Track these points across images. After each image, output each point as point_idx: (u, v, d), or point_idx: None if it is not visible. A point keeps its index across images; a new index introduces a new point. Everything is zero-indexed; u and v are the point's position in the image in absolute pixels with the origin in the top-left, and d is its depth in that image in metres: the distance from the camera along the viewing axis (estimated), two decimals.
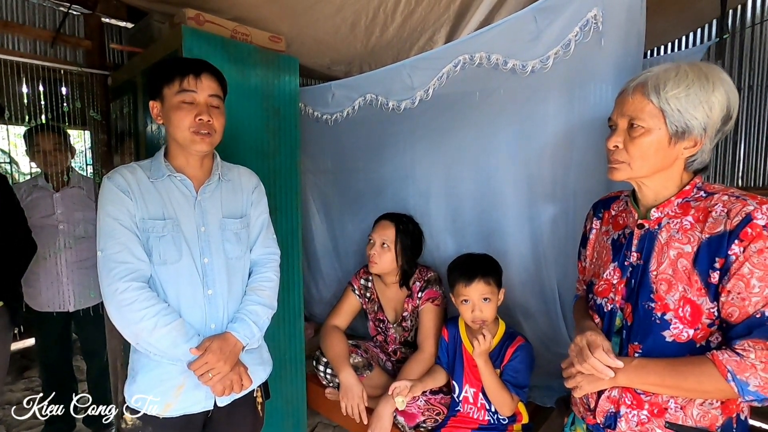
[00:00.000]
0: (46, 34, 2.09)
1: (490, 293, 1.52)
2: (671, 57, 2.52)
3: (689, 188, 0.92)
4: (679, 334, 0.87)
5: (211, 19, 1.65)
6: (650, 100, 0.88)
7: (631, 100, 0.91)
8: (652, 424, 0.91)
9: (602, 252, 1.07)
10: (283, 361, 1.86)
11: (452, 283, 1.59)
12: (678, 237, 0.89)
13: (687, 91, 0.85)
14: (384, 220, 1.91)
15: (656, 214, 0.94)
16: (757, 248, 0.79)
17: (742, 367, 0.78)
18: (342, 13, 2.04)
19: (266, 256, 1.29)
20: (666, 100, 0.86)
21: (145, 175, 1.13)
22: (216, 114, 1.13)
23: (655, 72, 0.89)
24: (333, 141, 2.34)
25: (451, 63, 1.69)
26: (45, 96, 2.10)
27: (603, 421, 0.98)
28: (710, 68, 0.87)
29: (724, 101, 0.86)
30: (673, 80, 0.86)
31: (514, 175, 1.72)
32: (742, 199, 0.83)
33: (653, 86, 0.88)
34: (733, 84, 0.87)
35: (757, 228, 0.79)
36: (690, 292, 0.86)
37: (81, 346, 2.27)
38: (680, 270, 0.87)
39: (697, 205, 0.89)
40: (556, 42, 1.43)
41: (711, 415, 0.88)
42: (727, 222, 0.82)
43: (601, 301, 1.02)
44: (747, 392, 0.78)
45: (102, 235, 1.06)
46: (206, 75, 1.11)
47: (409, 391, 1.58)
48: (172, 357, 1.07)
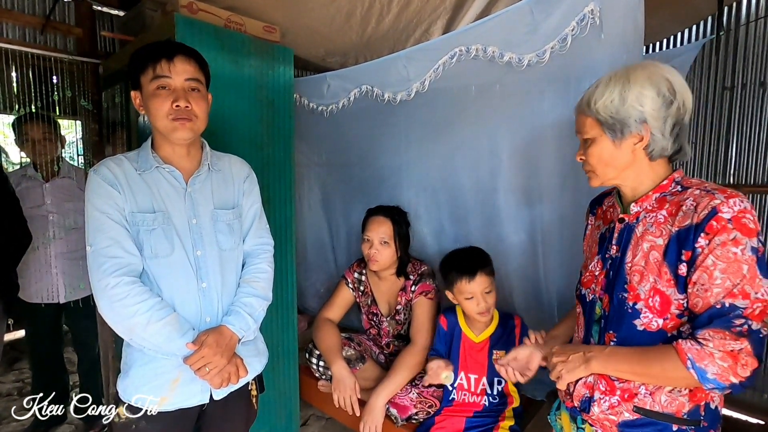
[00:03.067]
0: (35, 21, 2.05)
1: (491, 284, 1.57)
2: (667, 53, 2.52)
3: (667, 183, 0.95)
4: (649, 323, 0.92)
5: (204, 8, 1.62)
6: (587, 115, 0.98)
7: (577, 118, 1.02)
8: (621, 407, 0.96)
9: (592, 246, 1.12)
10: (276, 354, 1.86)
11: (451, 281, 1.60)
12: (652, 230, 0.93)
13: (611, 97, 0.92)
14: (377, 216, 1.89)
15: (635, 208, 0.98)
16: (721, 241, 0.82)
17: (701, 356, 0.81)
18: (337, 3, 2.02)
19: (259, 247, 1.27)
20: (597, 111, 0.95)
21: (133, 167, 1.10)
22: (195, 98, 1.08)
23: (589, 90, 0.98)
24: (328, 132, 2.33)
25: (447, 54, 1.68)
26: (35, 84, 2.06)
27: (579, 405, 1.03)
28: (635, 67, 0.94)
29: (652, 92, 0.90)
30: (599, 92, 0.95)
31: (509, 169, 1.73)
32: (711, 193, 0.86)
33: (586, 102, 0.98)
34: (667, 71, 0.92)
35: (722, 221, 0.82)
36: (660, 282, 0.90)
37: (72, 337, 2.26)
38: (651, 262, 0.91)
39: (672, 199, 0.93)
40: (553, 36, 1.42)
41: (678, 401, 0.91)
42: (695, 215, 0.85)
43: (585, 291, 1.08)
44: (706, 380, 0.81)
45: (91, 230, 1.03)
46: (180, 58, 1.06)
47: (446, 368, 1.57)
48: (167, 352, 1.05)
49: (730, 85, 2.40)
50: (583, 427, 1.05)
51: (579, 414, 1.04)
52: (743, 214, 0.82)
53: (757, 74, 2.31)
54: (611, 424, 0.97)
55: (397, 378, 1.71)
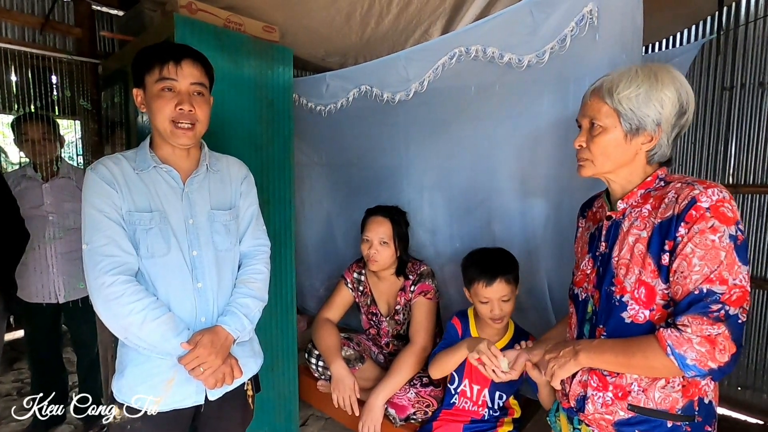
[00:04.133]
0: (35, 21, 2.05)
1: (510, 293, 1.50)
2: (667, 54, 2.52)
3: (651, 179, 0.97)
4: (636, 315, 0.93)
5: (203, 8, 1.62)
6: (605, 102, 0.95)
7: (590, 102, 0.99)
8: (616, 406, 0.96)
9: (583, 246, 1.13)
10: (275, 354, 1.86)
11: (469, 279, 1.55)
12: (637, 224, 0.95)
13: (637, 91, 0.92)
14: (376, 217, 1.88)
15: (622, 205, 1.00)
16: (699, 229, 0.83)
17: (680, 342, 0.82)
18: (337, 3, 2.02)
19: (256, 248, 1.27)
20: (619, 101, 0.93)
21: (131, 166, 1.09)
22: (199, 102, 1.09)
23: (611, 76, 0.97)
24: (327, 132, 2.33)
25: (446, 55, 1.68)
26: (34, 84, 2.06)
27: (575, 405, 1.04)
28: (661, 68, 0.94)
29: (674, 98, 0.91)
30: (624, 82, 0.93)
31: (507, 170, 1.73)
32: (690, 185, 0.88)
33: (607, 89, 0.95)
34: (685, 82, 0.93)
35: (701, 210, 0.84)
36: (644, 274, 0.91)
37: (71, 337, 2.25)
38: (636, 254, 0.93)
39: (656, 194, 0.95)
40: (552, 36, 1.42)
41: (672, 398, 0.92)
42: (676, 206, 0.88)
43: (578, 290, 1.10)
44: (686, 366, 0.82)
45: (87, 229, 1.03)
46: (187, 62, 1.07)
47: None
48: (162, 351, 1.05)
49: (729, 86, 2.40)
50: (579, 427, 1.06)
51: (576, 414, 1.05)
52: (721, 203, 0.84)
53: (756, 74, 2.31)
54: (607, 423, 0.98)
55: (396, 378, 1.71)
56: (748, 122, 2.35)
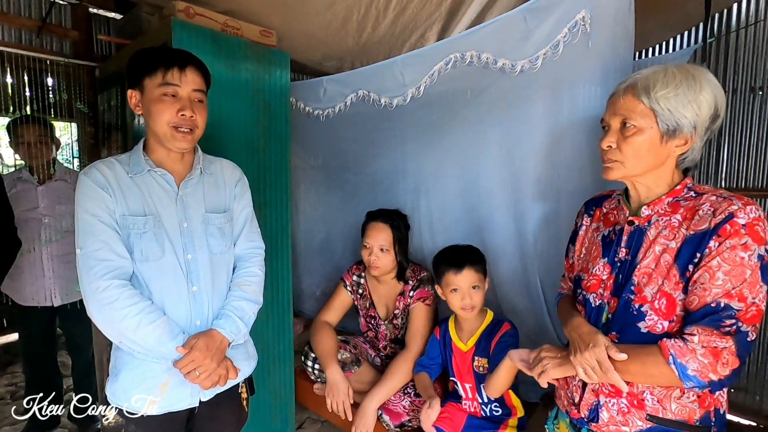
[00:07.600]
0: (31, 24, 2.05)
1: (479, 281, 1.55)
2: (658, 60, 2.55)
3: (680, 188, 0.94)
4: (654, 326, 0.90)
5: (201, 12, 1.63)
6: (641, 101, 0.91)
7: (623, 100, 0.94)
8: (633, 416, 0.93)
9: (591, 248, 1.09)
10: (271, 357, 1.86)
11: (440, 274, 1.60)
12: (665, 234, 0.92)
13: (676, 91, 0.88)
14: (376, 222, 1.88)
15: (647, 211, 0.96)
16: (732, 244, 0.82)
17: (684, 351, 0.81)
18: (334, 8, 2.03)
19: (250, 251, 1.27)
20: (656, 100, 0.89)
21: (124, 170, 1.09)
22: (199, 108, 1.10)
23: (645, 74, 0.92)
24: (324, 137, 2.34)
25: (442, 61, 1.70)
26: (30, 87, 2.06)
27: (587, 415, 0.99)
28: (697, 69, 0.90)
29: (711, 100, 0.89)
30: (662, 81, 0.89)
31: (502, 174, 1.74)
32: (728, 200, 0.86)
33: (643, 87, 0.91)
34: (719, 84, 0.91)
35: (736, 226, 0.82)
36: (667, 285, 0.89)
37: (66, 341, 2.24)
38: (662, 264, 0.90)
39: (687, 204, 0.91)
40: (545, 42, 1.44)
41: (689, 408, 0.90)
42: (712, 220, 0.85)
43: (590, 296, 1.04)
44: (687, 377, 0.81)
45: (81, 233, 1.03)
46: (191, 69, 1.08)
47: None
48: (157, 355, 1.05)
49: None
50: None
51: (586, 425, 1.00)
52: (757, 221, 0.82)
53: (747, 80, 2.34)
54: None
55: (390, 383, 1.71)
56: (740, 127, 2.38)
